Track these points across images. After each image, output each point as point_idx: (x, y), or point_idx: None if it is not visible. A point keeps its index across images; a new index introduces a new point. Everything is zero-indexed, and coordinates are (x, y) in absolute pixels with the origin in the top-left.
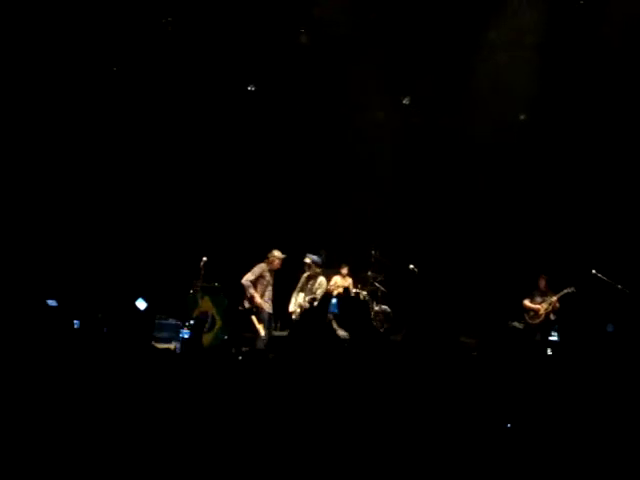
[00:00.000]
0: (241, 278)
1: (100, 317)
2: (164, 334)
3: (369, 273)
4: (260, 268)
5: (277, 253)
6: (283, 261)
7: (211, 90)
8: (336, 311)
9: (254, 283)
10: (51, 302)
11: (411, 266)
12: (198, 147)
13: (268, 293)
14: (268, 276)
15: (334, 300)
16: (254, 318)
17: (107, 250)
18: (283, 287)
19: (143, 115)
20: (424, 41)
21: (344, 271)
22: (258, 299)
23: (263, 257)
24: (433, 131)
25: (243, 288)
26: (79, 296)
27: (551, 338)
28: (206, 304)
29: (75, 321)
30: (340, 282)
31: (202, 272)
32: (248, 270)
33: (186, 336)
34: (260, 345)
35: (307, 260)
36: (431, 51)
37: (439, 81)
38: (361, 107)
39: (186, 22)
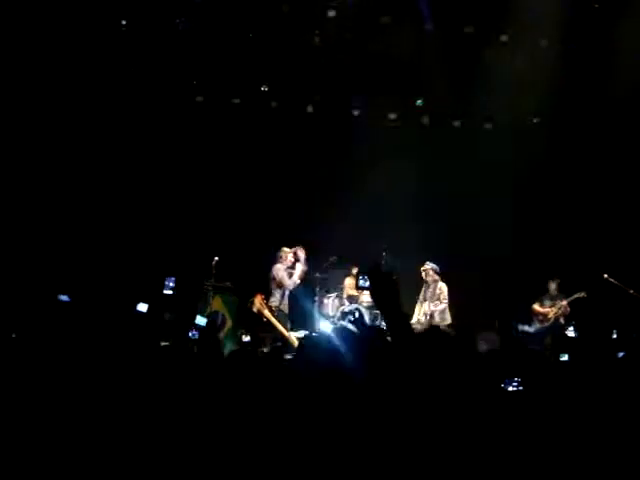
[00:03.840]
0: (252, 277)
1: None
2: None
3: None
4: (278, 269)
5: (287, 249)
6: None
7: (222, 90)
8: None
9: (271, 288)
10: (63, 297)
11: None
12: (210, 147)
13: (286, 296)
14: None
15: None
16: (274, 320)
17: (118, 249)
18: None
19: (153, 113)
20: (436, 42)
21: (355, 271)
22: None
23: (273, 256)
24: (445, 133)
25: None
26: (91, 293)
27: (569, 333)
28: (217, 304)
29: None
30: (351, 283)
31: (213, 272)
32: (259, 270)
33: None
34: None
35: (427, 267)
36: (444, 52)
37: (452, 82)
38: (373, 108)
39: (196, 23)
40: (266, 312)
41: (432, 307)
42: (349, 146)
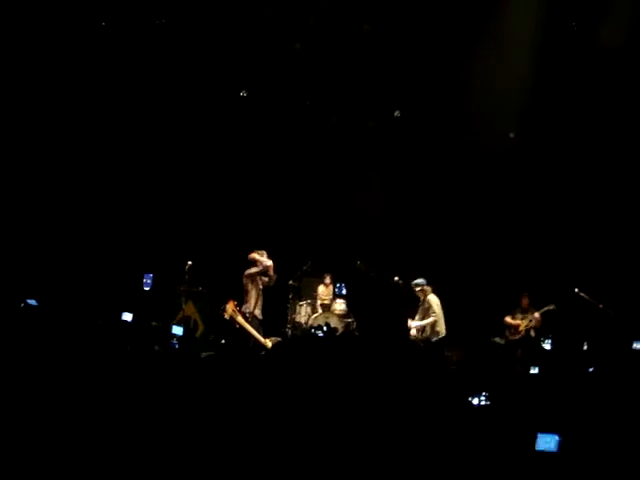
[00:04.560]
0: (225, 283)
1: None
2: None
3: None
4: (253, 269)
5: (256, 255)
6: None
7: (203, 93)
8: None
9: (247, 291)
10: (31, 302)
11: (396, 278)
12: (185, 151)
13: (260, 301)
14: (260, 283)
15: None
16: (249, 327)
17: (91, 252)
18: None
19: (131, 118)
20: (416, 53)
21: (327, 280)
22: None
23: (247, 262)
24: (423, 144)
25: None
26: (60, 297)
27: (545, 346)
28: (189, 309)
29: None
30: (324, 291)
31: (186, 277)
32: (233, 275)
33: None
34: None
35: (417, 288)
36: (422, 64)
37: (430, 94)
38: (352, 116)
39: (180, 24)
40: (239, 318)
41: (421, 322)
42: (324, 152)
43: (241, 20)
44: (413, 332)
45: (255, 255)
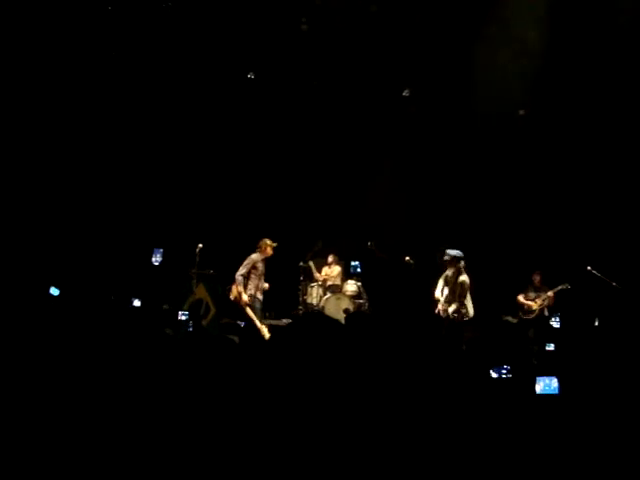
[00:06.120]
0: (236, 265)
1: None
2: None
3: None
4: (251, 260)
5: (269, 241)
6: (275, 249)
7: (210, 76)
8: None
9: (248, 276)
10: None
11: (407, 258)
12: (193, 135)
13: (261, 284)
14: (261, 266)
15: None
16: (249, 310)
17: (102, 237)
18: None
19: (138, 103)
20: (424, 33)
21: (330, 259)
22: (245, 297)
23: (256, 245)
24: (431, 124)
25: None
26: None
27: (553, 324)
28: (201, 291)
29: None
30: (328, 272)
31: (197, 259)
32: (243, 258)
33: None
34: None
35: (446, 257)
36: (431, 43)
37: (439, 74)
38: (360, 98)
39: (186, 6)
40: (244, 298)
41: (465, 302)
42: (335, 133)
43: (247, 1)
44: (438, 295)
45: (267, 241)
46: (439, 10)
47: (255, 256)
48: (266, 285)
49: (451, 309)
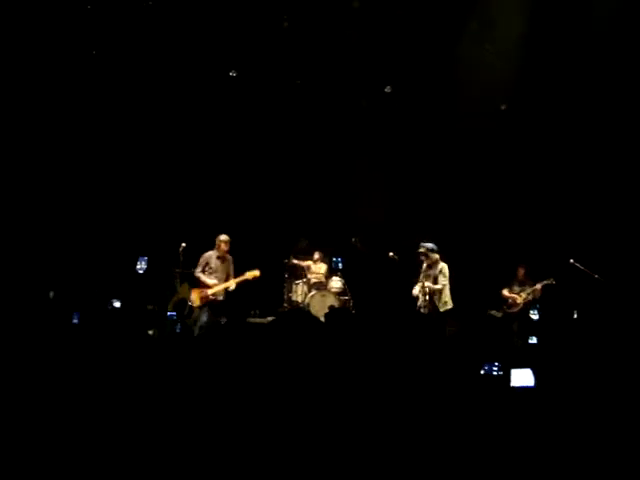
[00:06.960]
0: None
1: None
2: None
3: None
4: (204, 258)
5: (223, 237)
6: (230, 244)
7: (192, 74)
8: None
9: (204, 273)
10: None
11: (391, 254)
12: (176, 133)
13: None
14: (215, 263)
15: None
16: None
17: (84, 237)
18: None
19: (122, 101)
20: (406, 29)
21: (316, 256)
22: (210, 291)
23: (241, 242)
24: (414, 119)
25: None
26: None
27: (532, 317)
28: (184, 291)
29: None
30: (314, 269)
31: (181, 258)
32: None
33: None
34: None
35: (422, 250)
36: (413, 39)
37: (421, 69)
38: (344, 94)
39: (168, 4)
40: (210, 292)
41: (436, 286)
42: (317, 130)
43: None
44: (417, 292)
45: (220, 237)
46: (420, 5)
47: (207, 254)
48: (232, 284)
49: (427, 283)
